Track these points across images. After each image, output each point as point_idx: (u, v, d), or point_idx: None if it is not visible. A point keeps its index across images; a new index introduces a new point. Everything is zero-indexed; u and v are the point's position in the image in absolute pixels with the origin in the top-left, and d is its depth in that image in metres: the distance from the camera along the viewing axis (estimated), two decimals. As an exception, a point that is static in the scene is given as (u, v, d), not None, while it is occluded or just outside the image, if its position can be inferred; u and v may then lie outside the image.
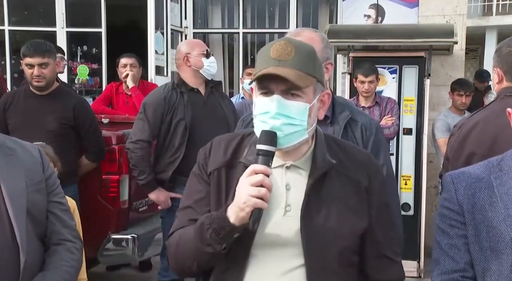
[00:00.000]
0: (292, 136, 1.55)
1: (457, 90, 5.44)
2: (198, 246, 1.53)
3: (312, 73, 1.55)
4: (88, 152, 4.00)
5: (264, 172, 1.46)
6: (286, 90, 1.53)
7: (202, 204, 1.64)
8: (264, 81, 1.54)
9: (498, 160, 1.59)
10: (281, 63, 1.52)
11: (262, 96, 1.56)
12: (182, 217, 1.66)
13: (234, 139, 1.69)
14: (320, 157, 1.61)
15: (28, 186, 1.85)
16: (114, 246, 4.07)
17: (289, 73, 1.50)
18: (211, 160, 1.66)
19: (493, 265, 1.50)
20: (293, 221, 1.57)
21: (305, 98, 1.55)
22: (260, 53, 1.60)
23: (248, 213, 1.46)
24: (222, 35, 7.66)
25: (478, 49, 16.53)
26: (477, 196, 1.55)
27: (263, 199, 1.45)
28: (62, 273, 1.91)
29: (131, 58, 5.43)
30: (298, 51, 1.54)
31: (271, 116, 1.52)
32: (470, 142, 2.34)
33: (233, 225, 1.47)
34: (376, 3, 6.39)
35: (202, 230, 1.51)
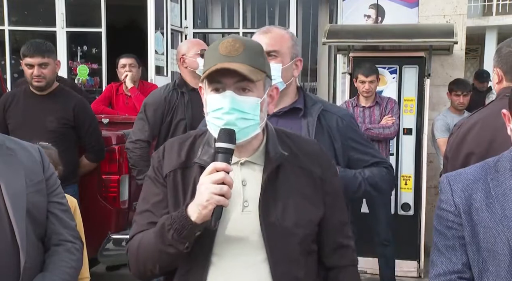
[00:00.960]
0: (247, 131, 1.58)
1: (454, 90, 5.44)
2: (159, 247, 1.53)
3: (262, 68, 1.58)
4: (88, 152, 4.00)
5: (225, 169, 1.48)
6: (238, 85, 1.55)
7: (160, 206, 1.64)
8: (216, 77, 1.55)
9: (494, 161, 1.59)
10: (231, 58, 1.54)
11: (213, 93, 1.58)
12: (141, 221, 1.66)
13: (186, 140, 1.71)
14: (273, 151, 1.64)
15: (28, 187, 1.85)
16: (114, 246, 4.07)
17: (242, 67, 1.52)
18: (166, 163, 1.67)
19: (490, 266, 1.50)
20: (252, 216, 1.59)
21: (256, 93, 1.58)
22: (208, 52, 1.62)
23: (211, 211, 1.47)
24: (222, 35, 7.66)
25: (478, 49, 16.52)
26: (474, 197, 1.55)
27: (224, 196, 1.46)
28: (62, 273, 1.90)
29: (130, 58, 5.43)
30: (246, 47, 1.57)
31: (225, 111, 1.54)
32: (469, 141, 2.35)
33: (195, 224, 1.48)
34: (376, 3, 6.39)
35: (163, 231, 1.52)
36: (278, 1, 7.40)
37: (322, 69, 7.33)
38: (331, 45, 6.00)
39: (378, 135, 4.71)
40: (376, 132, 4.71)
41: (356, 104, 4.88)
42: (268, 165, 1.63)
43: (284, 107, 2.30)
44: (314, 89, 7.58)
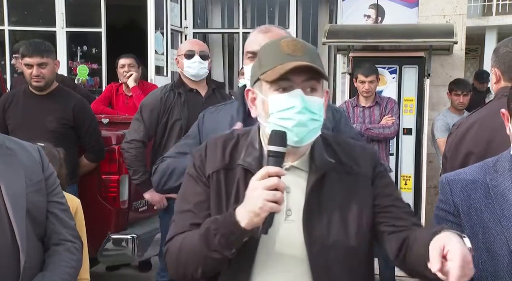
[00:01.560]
0: (314, 132, 1.51)
1: (454, 90, 5.45)
2: (204, 252, 1.46)
3: (323, 69, 1.52)
4: (88, 152, 4.00)
5: (279, 174, 1.39)
6: (306, 85, 1.48)
7: (202, 207, 1.57)
8: (284, 76, 1.47)
9: (493, 162, 1.59)
10: (297, 58, 1.47)
11: (277, 93, 1.49)
12: (182, 221, 1.58)
13: (230, 140, 1.64)
14: (318, 157, 1.56)
15: (28, 186, 1.85)
16: (114, 246, 4.07)
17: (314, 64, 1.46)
18: (209, 162, 1.60)
19: (489, 267, 1.50)
20: (294, 226, 1.52)
21: (320, 93, 1.52)
22: (267, 51, 1.55)
23: (263, 218, 1.39)
24: (222, 35, 7.66)
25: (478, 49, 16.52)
26: (473, 198, 1.55)
27: (277, 202, 1.38)
28: (62, 273, 1.90)
29: (129, 58, 5.42)
30: (306, 47, 1.52)
31: (298, 111, 1.46)
32: (467, 141, 2.34)
33: (244, 230, 1.41)
34: (376, 3, 6.39)
35: (209, 235, 1.44)
36: (278, 1, 7.40)
37: (322, 69, 7.33)
38: (331, 45, 6.00)
39: (378, 135, 4.71)
40: (376, 132, 4.71)
41: (356, 104, 4.88)
42: (313, 173, 1.54)
43: None
44: (314, 89, 7.58)
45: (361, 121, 4.82)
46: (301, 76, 1.47)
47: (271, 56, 1.51)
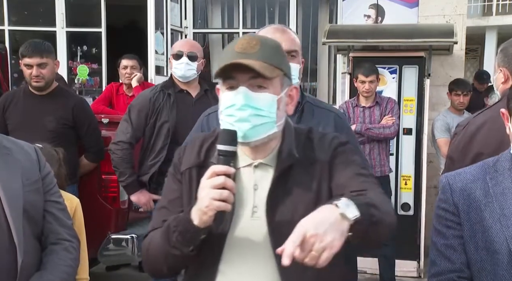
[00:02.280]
0: (261, 128, 1.52)
1: (455, 90, 5.45)
2: (166, 248, 1.51)
3: (278, 66, 1.54)
4: (88, 152, 4.00)
5: (226, 173, 1.42)
6: (252, 82, 1.51)
7: (176, 204, 1.61)
8: (229, 74, 1.52)
9: (493, 161, 1.59)
10: (246, 55, 1.50)
11: (227, 91, 1.54)
12: (157, 218, 1.63)
13: (209, 138, 1.66)
14: (285, 152, 1.57)
15: (25, 186, 1.85)
16: (114, 246, 4.07)
17: (254, 64, 1.48)
18: (184, 160, 1.64)
19: (488, 265, 1.50)
20: (260, 223, 1.54)
21: (272, 90, 1.53)
22: (225, 50, 1.59)
23: (211, 216, 1.42)
24: (222, 35, 7.66)
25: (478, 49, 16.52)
26: (473, 197, 1.55)
27: (226, 201, 1.41)
28: (60, 272, 1.91)
29: (132, 59, 5.42)
30: (263, 44, 1.53)
31: (238, 107, 1.50)
32: (477, 142, 2.30)
33: (197, 228, 1.44)
34: (376, 3, 6.39)
35: (169, 232, 1.49)
36: (278, 1, 7.40)
37: (322, 69, 7.33)
38: (331, 45, 6.00)
39: (378, 135, 4.71)
40: (376, 132, 4.70)
41: (356, 104, 4.88)
42: (279, 166, 1.56)
43: None
44: (314, 89, 7.58)
45: (361, 121, 4.81)
46: (245, 74, 1.50)
47: (225, 54, 1.56)
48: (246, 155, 1.57)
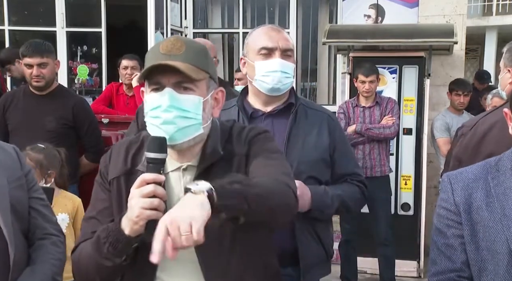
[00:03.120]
0: (187, 130, 1.51)
1: (455, 90, 5.44)
2: (97, 259, 1.47)
3: (204, 68, 1.54)
4: (88, 152, 4.00)
5: (156, 181, 1.39)
6: (178, 84, 1.50)
7: (105, 214, 1.58)
8: (155, 76, 1.50)
9: (495, 161, 1.59)
10: (171, 57, 1.50)
11: (153, 93, 1.52)
12: (86, 229, 1.60)
13: (133, 144, 1.63)
14: (209, 150, 1.57)
15: (9, 183, 1.87)
16: (114, 246, 4.06)
17: (180, 65, 1.48)
18: (111, 168, 1.60)
19: (489, 265, 1.50)
20: None
21: (198, 92, 1.53)
22: (150, 51, 1.58)
23: (142, 226, 1.39)
24: (222, 35, 7.66)
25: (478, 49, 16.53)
26: (474, 196, 1.55)
27: (157, 209, 1.38)
28: (50, 266, 1.92)
29: (132, 60, 5.41)
30: (188, 46, 1.53)
31: (163, 109, 1.48)
32: (489, 142, 2.28)
33: (128, 237, 1.41)
34: (376, 3, 6.39)
35: (99, 243, 1.46)
36: (278, 1, 7.39)
37: (322, 69, 7.33)
38: (331, 45, 6.00)
39: (378, 135, 4.71)
40: (376, 132, 4.70)
41: (356, 104, 4.88)
42: (200, 165, 1.56)
43: (278, 105, 2.30)
44: (314, 89, 7.58)
45: (361, 121, 4.81)
46: (171, 76, 1.49)
47: (150, 56, 1.55)
48: (173, 159, 1.55)
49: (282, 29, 2.30)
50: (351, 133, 4.73)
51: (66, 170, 3.37)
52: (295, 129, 2.24)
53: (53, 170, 3.22)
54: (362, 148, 4.76)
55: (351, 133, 4.73)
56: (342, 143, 2.32)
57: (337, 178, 2.30)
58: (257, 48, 2.21)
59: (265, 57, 2.20)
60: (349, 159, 2.35)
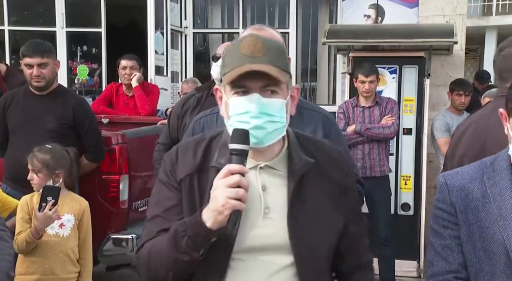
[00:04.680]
0: (274, 134, 1.52)
1: (456, 90, 5.44)
2: (173, 255, 1.46)
3: (286, 69, 1.53)
4: (88, 152, 3.99)
5: (241, 172, 1.41)
6: (263, 87, 1.49)
7: (173, 212, 1.56)
8: (240, 79, 1.48)
9: (491, 161, 1.59)
10: (255, 59, 1.47)
11: (237, 96, 1.51)
12: (152, 227, 1.58)
13: (201, 143, 1.63)
14: (297, 157, 1.58)
15: None
16: (114, 246, 4.07)
17: (270, 69, 1.46)
18: (180, 167, 1.59)
19: (486, 266, 1.50)
20: (275, 223, 1.53)
21: (281, 94, 1.52)
22: (228, 51, 1.55)
23: (227, 216, 1.39)
24: (222, 35, 7.66)
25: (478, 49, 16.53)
26: (470, 197, 1.55)
27: (241, 200, 1.39)
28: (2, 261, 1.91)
29: (131, 60, 5.41)
30: (269, 47, 1.51)
31: (253, 115, 1.47)
32: (464, 142, 2.33)
33: (210, 230, 1.41)
34: (376, 3, 6.39)
35: (177, 238, 1.45)
36: (278, 1, 7.40)
37: (322, 69, 7.33)
38: (331, 45, 6.00)
39: (378, 135, 4.71)
40: (376, 132, 4.71)
41: (356, 104, 4.88)
42: (294, 172, 1.56)
43: None
44: (314, 89, 7.58)
45: (361, 121, 4.82)
46: (258, 80, 1.48)
47: (231, 57, 1.52)
48: (249, 157, 1.54)
49: (267, 27, 2.28)
50: (351, 133, 4.74)
51: (75, 169, 3.38)
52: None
53: (61, 170, 3.24)
54: (362, 148, 4.76)
55: (351, 133, 4.73)
56: (337, 142, 2.31)
57: None
58: None
59: None
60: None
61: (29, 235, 3.01)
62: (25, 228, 3.08)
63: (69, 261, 3.19)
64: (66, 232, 3.21)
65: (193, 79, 5.97)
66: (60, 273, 3.16)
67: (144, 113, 5.27)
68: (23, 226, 3.10)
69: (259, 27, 2.27)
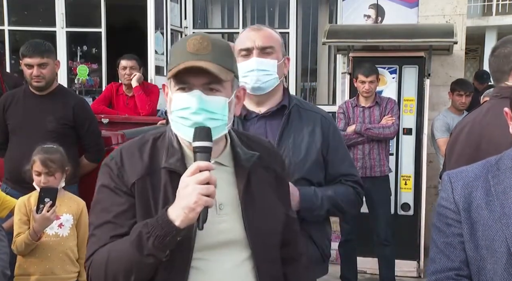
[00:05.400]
0: (214, 131, 1.52)
1: (457, 90, 5.44)
2: (136, 258, 1.43)
3: (230, 68, 1.55)
4: (88, 152, 3.99)
5: (209, 168, 1.42)
6: (206, 84, 1.51)
7: (125, 217, 1.53)
8: (183, 75, 1.50)
9: (496, 159, 1.59)
10: (199, 57, 1.49)
11: (180, 92, 1.52)
12: (102, 234, 1.53)
13: (145, 144, 1.62)
14: (242, 152, 1.62)
15: None
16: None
17: (212, 66, 1.48)
18: (129, 170, 1.56)
19: (488, 264, 1.50)
20: (230, 218, 1.57)
21: (224, 93, 1.54)
22: (174, 48, 1.58)
23: (197, 213, 1.39)
24: (222, 35, 7.66)
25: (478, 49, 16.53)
26: (474, 195, 1.55)
27: (210, 196, 1.40)
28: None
29: (131, 60, 5.41)
30: (215, 45, 1.52)
31: (193, 111, 1.49)
32: (460, 143, 2.34)
33: (178, 229, 1.40)
34: (376, 3, 6.39)
35: (141, 240, 1.42)
36: (278, 1, 7.40)
37: (322, 69, 7.33)
38: (331, 45, 6.00)
39: (378, 135, 4.71)
40: (376, 132, 4.71)
41: (356, 104, 4.88)
42: (241, 167, 1.60)
43: (272, 107, 2.29)
44: (313, 89, 7.58)
45: (361, 121, 4.82)
46: (200, 77, 1.49)
47: (177, 54, 1.54)
48: None
49: (264, 27, 2.29)
50: (351, 133, 4.74)
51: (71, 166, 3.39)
52: (287, 131, 2.24)
53: (68, 167, 3.27)
54: (362, 148, 4.76)
55: (351, 133, 4.74)
56: (336, 143, 2.31)
57: (331, 179, 2.29)
58: (237, 50, 2.25)
59: (244, 58, 2.22)
60: (343, 159, 2.33)
61: (27, 237, 3.01)
62: (23, 230, 3.08)
63: (69, 260, 3.19)
64: (66, 232, 3.21)
65: None
66: (60, 273, 3.15)
67: (144, 113, 5.27)
68: (21, 227, 3.10)
69: (257, 27, 2.29)
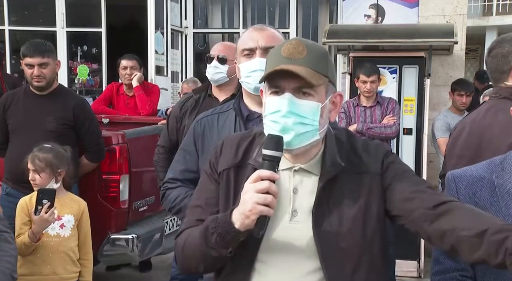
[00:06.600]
0: (304, 136, 1.51)
1: (458, 90, 5.44)
2: (203, 249, 1.50)
3: (324, 73, 1.53)
4: (88, 152, 3.99)
5: (271, 178, 1.42)
6: (297, 88, 1.50)
7: (211, 203, 1.61)
8: (275, 79, 1.51)
9: (500, 160, 1.59)
10: (292, 61, 1.49)
11: (272, 96, 1.53)
12: (191, 216, 1.64)
13: (245, 139, 1.66)
14: (330, 160, 1.56)
15: None
16: (114, 246, 4.07)
17: (301, 70, 1.47)
18: (222, 160, 1.63)
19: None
20: (301, 226, 1.53)
21: (317, 98, 1.52)
22: (271, 53, 1.58)
23: (254, 221, 1.41)
24: (222, 35, 7.67)
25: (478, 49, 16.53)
26: (478, 195, 1.55)
27: (269, 206, 1.40)
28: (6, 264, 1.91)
29: (132, 60, 5.40)
30: (310, 50, 1.52)
31: (282, 114, 1.48)
32: (460, 144, 2.33)
33: (238, 231, 1.43)
34: (376, 3, 6.39)
35: (207, 233, 1.48)
36: (278, 1, 7.40)
37: (322, 69, 7.33)
38: (331, 45, 5.99)
39: (379, 135, 4.71)
40: (378, 131, 4.71)
41: (357, 104, 4.89)
42: (324, 175, 1.55)
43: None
44: (314, 89, 7.57)
45: (362, 120, 4.82)
46: (292, 81, 1.49)
47: (271, 59, 1.55)
48: (286, 159, 1.56)
49: (267, 27, 2.28)
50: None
51: (72, 167, 3.38)
52: None
53: (62, 169, 3.24)
54: (363, 148, 4.76)
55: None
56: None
57: None
58: (240, 50, 2.23)
59: (247, 58, 2.20)
60: None
61: (26, 239, 3.01)
62: (24, 231, 3.07)
63: (70, 261, 3.19)
64: (67, 233, 3.21)
65: (193, 79, 5.97)
66: (62, 273, 3.15)
67: (145, 113, 5.27)
68: (22, 228, 3.10)
69: (260, 27, 2.27)
